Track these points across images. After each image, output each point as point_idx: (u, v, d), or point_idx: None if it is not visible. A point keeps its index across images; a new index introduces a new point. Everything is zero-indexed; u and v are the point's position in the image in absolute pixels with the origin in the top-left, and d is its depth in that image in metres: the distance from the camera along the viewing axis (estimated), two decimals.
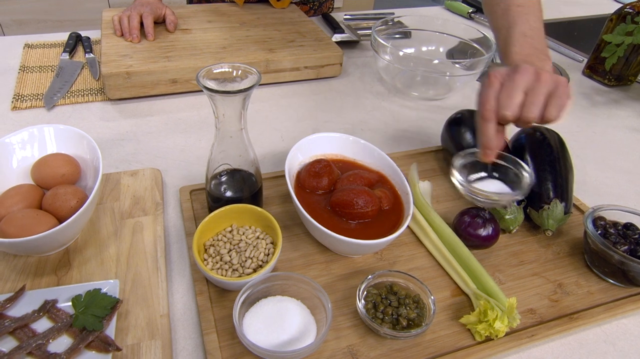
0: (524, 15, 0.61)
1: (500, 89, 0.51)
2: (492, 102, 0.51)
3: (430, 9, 1.46)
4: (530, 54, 0.57)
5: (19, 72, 0.92)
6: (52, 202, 0.54)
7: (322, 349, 0.47)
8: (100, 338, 0.44)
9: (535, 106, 0.51)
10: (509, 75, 0.51)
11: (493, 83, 0.52)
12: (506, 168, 0.55)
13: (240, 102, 0.51)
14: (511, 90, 0.51)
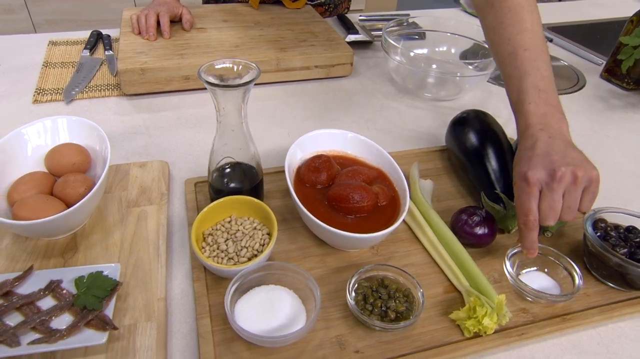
0: (533, 62, 0.59)
1: (541, 197, 0.52)
2: (534, 211, 0.52)
3: (447, 10, 1.46)
4: (546, 113, 0.56)
5: (42, 68, 0.97)
6: (62, 189, 0.57)
7: (311, 338, 0.48)
8: (99, 317, 0.46)
9: (573, 209, 0.52)
10: (548, 184, 0.51)
11: (533, 192, 0.52)
12: (557, 265, 0.56)
13: (241, 96, 0.52)
14: (552, 201, 0.51)
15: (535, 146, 0.54)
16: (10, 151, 0.59)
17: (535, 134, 0.55)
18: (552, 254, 0.56)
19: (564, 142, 0.54)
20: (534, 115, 0.56)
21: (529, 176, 0.52)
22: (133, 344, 0.46)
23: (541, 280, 0.55)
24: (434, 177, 0.71)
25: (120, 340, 0.46)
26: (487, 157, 0.66)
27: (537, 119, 0.56)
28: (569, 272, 0.55)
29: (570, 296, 0.52)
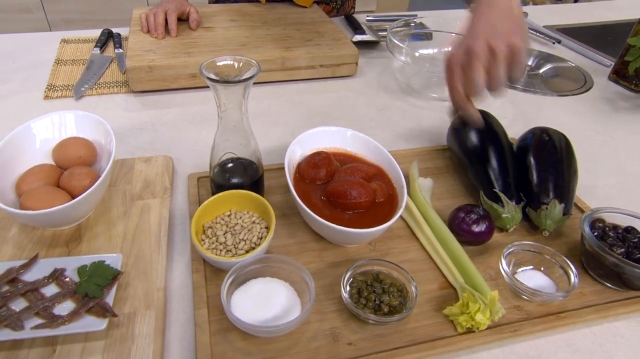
0: None
1: (463, 74, 0.54)
2: (459, 89, 0.56)
3: (456, 11, 1.46)
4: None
5: (53, 65, 0.99)
6: (68, 181, 0.59)
7: (305, 330, 0.49)
8: (100, 305, 0.47)
9: (498, 80, 0.55)
10: (466, 60, 0.54)
11: (454, 70, 0.55)
12: (553, 264, 0.56)
13: (241, 92, 0.53)
14: (472, 77, 0.55)
15: (470, 25, 0.56)
16: (19, 144, 0.61)
17: (478, 9, 0.56)
18: (548, 253, 0.57)
19: (502, 14, 0.54)
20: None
21: (449, 57, 0.55)
22: (132, 332, 0.47)
23: (537, 279, 0.56)
24: (435, 176, 0.72)
25: (120, 327, 0.47)
26: (487, 157, 0.66)
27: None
28: (564, 271, 0.55)
29: (566, 295, 0.52)
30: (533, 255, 0.57)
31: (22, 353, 0.45)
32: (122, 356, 0.45)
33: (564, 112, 0.94)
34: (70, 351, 0.45)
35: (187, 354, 0.47)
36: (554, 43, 1.22)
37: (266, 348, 0.47)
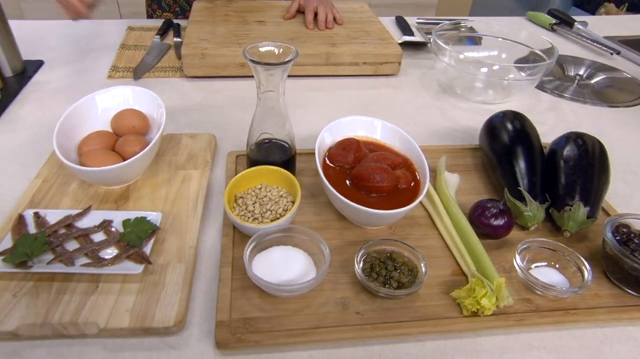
0: None
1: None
2: None
3: (511, 18, 1.45)
4: None
5: (118, 49, 1.08)
6: (121, 146, 0.66)
7: (318, 296, 0.53)
8: (138, 253, 0.53)
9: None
10: None
11: None
12: (568, 262, 0.57)
13: (279, 75, 0.58)
14: None
15: None
16: (84, 112, 0.69)
17: None
18: (563, 251, 0.57)
19: None
20: None
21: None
22: (163, 279, 0.53)
23: (551, 275, 0.56)
24: (462, 173, 0.73)
25: (153, 274, 0.53)
26: (515, 156, 0.67)
27: None
28: (579, 269, 0.55)
29: (578, 291, 0.53)
30: (548, 252, 0.58)
31: (72, 285, 0.51)
32: (153, 298, 0.50)
33: (611, 123, 0.92)
34: (110, 288, 0.51)
35: (209, 305, 0.52)
36: (612, 54, 1.19)
37: (280, 306, 0.51)
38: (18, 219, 0.57)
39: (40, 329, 0.47)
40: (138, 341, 0.48)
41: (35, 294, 0.50)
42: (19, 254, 0.52)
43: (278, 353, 0.48)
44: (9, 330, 0.47)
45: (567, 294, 0.53)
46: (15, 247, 0.53)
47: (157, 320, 0.48)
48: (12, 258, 0.51)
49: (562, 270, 0.57)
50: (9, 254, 0.52)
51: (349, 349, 0.49)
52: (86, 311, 0.49)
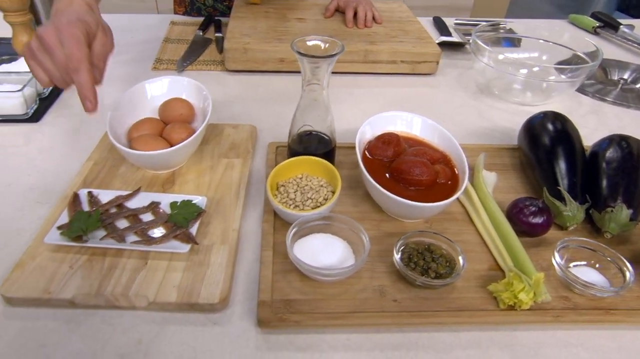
0: None
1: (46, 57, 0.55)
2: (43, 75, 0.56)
3: (552, 21, 1.43)
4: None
5: (162, 42, 1.12)
6: (169, 133, 0.69)
7: (356, 282, 0.54)
8: (185, 233, 0.56)
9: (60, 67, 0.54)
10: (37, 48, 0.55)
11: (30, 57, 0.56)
12: (608, 262, 0.57)
13: (325, 68, 0.60)
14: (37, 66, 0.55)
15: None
16: (134, 99, 0.72)
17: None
18: (604, 251, 0.57)
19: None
20: None
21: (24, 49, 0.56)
22: (208, 259, 0.55)
23: (590, 274, 0.56)
24: (500, 172, 0.73)
25: (198, 254, 0.55)
26: (556, 156, 0.67)
27: None
28: (620, 269, 0.55)
29: (619, 290, 0.52)
30: (588, 252, 0.58)
31: (123, 261, 0.54)
32: (199, 276, 0.53)
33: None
34: (158, 265, 0.54)
35: (251, 286, 0.54)
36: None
37: (319, 290, 0.53)
38: (73, 197, 0.61)
39: (95, 299, 0.50)
40: (184, 316, 0.51)
41: (90, 267, 0.53)
42: (75, 229, 0.55)
43: (317, 334, 0.50)
44: (66, 298, 0.50)
45: (607, 293, 0.53)
46: (72, 223, 0.56)
47: (203, 297, 0.50)
48: (69, 232, 0.55)
49: (602, 270, 0.57)
50: (66, 229, 0.55)
51: (386, 334, 0.50)
52: (136, 285, 0.52)
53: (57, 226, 0.56)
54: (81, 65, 0.54)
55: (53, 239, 0.55)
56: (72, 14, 0.56)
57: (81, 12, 0.58)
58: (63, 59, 0.54)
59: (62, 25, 0.54)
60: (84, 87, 0.55)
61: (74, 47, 0.53)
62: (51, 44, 0.53)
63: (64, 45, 0.53)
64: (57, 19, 0.55)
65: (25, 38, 0.89)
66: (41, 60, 0.55)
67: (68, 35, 0.53)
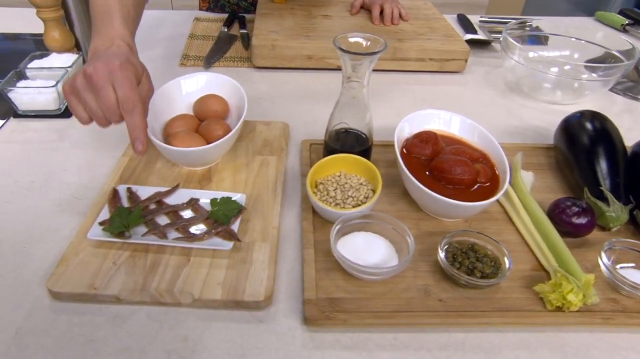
0: None
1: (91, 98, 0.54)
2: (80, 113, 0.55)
3: (576, 19, 1.41)
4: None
5: (188, 38, 1.12)
6: (205, 129, 0.68)
7: (400, 281, 0.53)
8: (227, 230, 0.56)
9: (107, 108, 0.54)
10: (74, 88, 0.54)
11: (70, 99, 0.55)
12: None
13: (366, 65, 0.59)
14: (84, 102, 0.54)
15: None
16: (169, 94, 0.72)
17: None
18: None
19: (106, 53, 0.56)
20: None
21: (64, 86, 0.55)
22: (250, 257, 0.55)
23: (638, 277, 0.55)
24: (536, 171, 0.72)
25: (241, 251, 0.55)
26: (596, 155, 0.66)
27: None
28: None
29: None
30: (635, 254, 0.57)
31: (165, 257, 0.54)
32: (242, 274, 0.52)
33: None
34: (201, 262, 0.54)
35: (294, 284, 0.54)
36: None
37: (364, 289, 0.52)
38: (113, 193, 0.61)
39: (140, 295, 0.50)
40: (228, 313, 0.51)
41: (133, 263, 0.53)
42: (117, 225, 0.55)
43: (363, 333, 0.49)
44: (112, 294, 0.50)
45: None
46: (113, 219, 0.56)
47: (248, 294, 0.50)
48: (111, 228, 0.55)
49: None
50: (108, 225, 0.55)
51: (432, 334, 0.50)
52: (180, 281, 0.52)
53: (99, 221, 0.56)
54: (136, 109, 0.53)
55: (95, 234, 0.55)
56: (122, 55, 0.56)
57: (127, 53, 0.58)
58: (112, 99, 0.53)
59: (114, 67, 0.53)
60: (137, 129, 0.54)
61: (129, 90, 0.53)
62: (101, 84, 0.53)
63: (117, 87, 0.53)
64: (107, 59, 0.54)
65: (56, 34, 0.89)
66: (85, 98, 0.54)
67: (122, 77, 0.53)
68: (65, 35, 0.91)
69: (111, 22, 0.61)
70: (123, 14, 0.63)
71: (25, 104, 0.80)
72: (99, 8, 0.63)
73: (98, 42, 0.60)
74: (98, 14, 0.63)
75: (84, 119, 0.55)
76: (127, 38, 0.61)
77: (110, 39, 0.60)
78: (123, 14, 0.63)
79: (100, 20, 0.62)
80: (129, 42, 0.61)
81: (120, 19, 0.62)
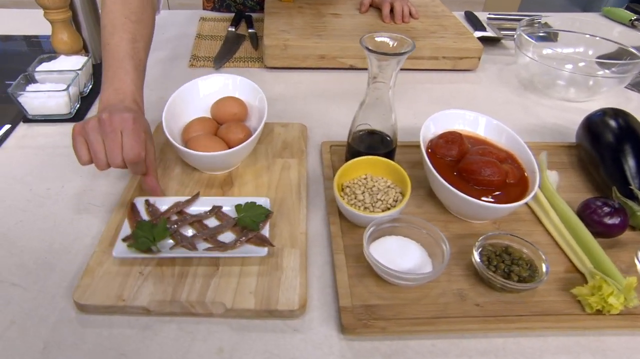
0: None
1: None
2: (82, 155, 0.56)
3: (582, 15, 1.40)
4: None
5: (195, 39, 1.11)
6: (226, 133, 0.67)
7: (434, 286, 0.52)
8: (258, 236, 0.54)
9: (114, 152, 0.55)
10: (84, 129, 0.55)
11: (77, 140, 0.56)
12: None
13: (393, 66, 0.58)
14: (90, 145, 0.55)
15: None
16: (186, 97, 0.70)
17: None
18: None
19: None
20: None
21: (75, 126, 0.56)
22: (280, 264, 0.53)
23: None
24: (559, 170, 0.71)
25: (271, 258, 0.54)
26: (624, 153, 0.65)
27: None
28: None
29: None
30: None
31: (193, 267, 0.53)
32: (274, 282, 0.51)
33: None
34: (230, 271, 0.52)
35: (327, 290, 0.53)
36: None
37: (399, 295, 0.51)
38: (130, 207, 0.58)
39: (170, 306, 0.49)
40: (262, 323, 0.49)
41: (160, 273, 0.52)
42: (142, 241, 0.52)
43: (401, 340, 0.48)
44: (141, 305, 0.48)
45: None
46: (137, 235, 0.53)
47: (282, 303, 0.49)
48: (137, 245, 0.52)
49: None
50: (133, 241, 0.53)
51: (471, 340, 0.49)
52: (211, 291, 0.50)
53: (122, 238, 0.54)
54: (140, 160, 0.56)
55: (121, 252, 0.52)
56: (133, 113, 0.57)
57: (137, 111, 0.60)
58: (118, 143, 0.55)
59: (127, 119, 0.55)
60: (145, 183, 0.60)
61: (136, 140, 0.55)
62: (111, 129, 0.54)
63: (124, 136, 0.55)
64: (121, 112, 0.56)
65: (65, 36, 0.87)
66: (92, 139, 0.55)
67: (132, 129, 0.55)
68: (73, 37, 0.89)
69: (123, 74, 0.62)
70: (135, 63, 0.63)
71: (35, 108, 0.78)
72: (111, 52, 0.63)
73: (110, 96, 0.61)
74: (109, 59, 0.63)
75: (84, 159, 0.56)
76: (138, 97, 0.62)
77: (122, 95, 0.60)
78: (135, 63, 0.63)
79: (112, 70, 0.62)
80: (139, 101, 0.62)
81: (132, 70, 0.62)
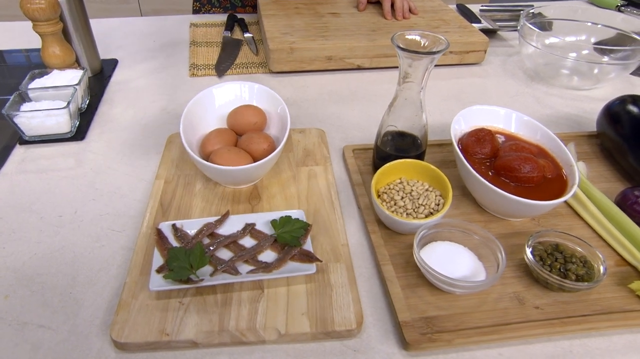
0: None
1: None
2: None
3: (569, 2, 1.41)
4: None
5: (190, 46, 1.06)
6: (248, 144, 0.63)
7: (489, 292, 0.50)
8: (302, 252, 0.51)
9: None
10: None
11: None
12: None
13: (425, 65, 0.56)
14: None
15: None
16: (202, 106, 0.67)
17: None
18: None
19: None
20: None
21: None
22: (328, 280, 0.50)
23: None
24: (585, 160, 0.71)
25: (317, 274, 0.51)
26: None
27: None
28: None
29: None
30: None
31: (236, 295, 0.49)
32: (325, 300, 0.48)
33: None
34: (277, 293, 0.49)
35: (380, 304, 0.50)
36: None
37: (456, 304, 0.49)
38: (157, 234, 0.54)
39: (219, 337, 0.45)
40: (319, 346, 0.46)
41: (202, 301, 0.48)
42: (179, 271, 0.48)
43: (466, 351, 0.46)
44: (188, 338, 0.45)
45: None
46: (171, 264, 0.49)
47: (338, 323, 0.46)
48: (175, 275, 0.48)
49: None
50: (169, 272, 0.48)
51: (536, 345, 0.47)
52: (260, 316, 0.47)
53: (155, 269, 0.50)
54: None
55: (158, 285, 0.48)
56: None
57: None
58: None
59: None
60: None
61: None
62: None
63: None
64: None
65: (57, 49, 0.82)
66: None
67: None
68: (65, 50, 0.84)
69: None
70: None
71: (33, 128, 0.73)
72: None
73: None
74: None
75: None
76: None
77: None
78: None
79: None
80: None
81: None
